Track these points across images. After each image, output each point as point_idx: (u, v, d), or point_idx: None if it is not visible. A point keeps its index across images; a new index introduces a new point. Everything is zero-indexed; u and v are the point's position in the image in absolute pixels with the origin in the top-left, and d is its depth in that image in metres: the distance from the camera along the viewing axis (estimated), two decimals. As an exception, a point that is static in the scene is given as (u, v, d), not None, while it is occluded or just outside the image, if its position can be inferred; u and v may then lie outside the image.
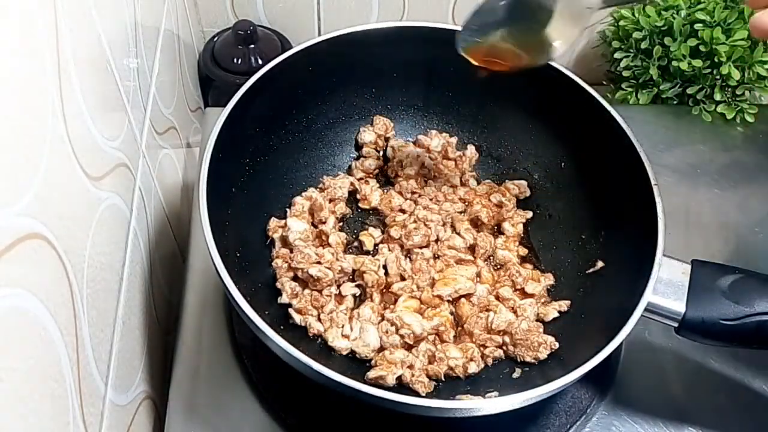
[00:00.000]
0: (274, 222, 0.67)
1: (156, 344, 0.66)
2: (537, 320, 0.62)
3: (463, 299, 0.64)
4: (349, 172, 0.74)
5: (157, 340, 0.67)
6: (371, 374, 0.56)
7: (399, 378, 0.57)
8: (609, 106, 0.63)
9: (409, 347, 0.60)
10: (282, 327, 0.60)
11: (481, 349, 0.61)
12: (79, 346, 0.44)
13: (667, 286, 0.53)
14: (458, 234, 0.68)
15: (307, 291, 0.62)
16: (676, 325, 0.53)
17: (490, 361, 0.60)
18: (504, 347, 0.61)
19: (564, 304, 0.63)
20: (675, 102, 0.89)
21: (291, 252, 0.63)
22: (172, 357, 0.64)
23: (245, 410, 0.60)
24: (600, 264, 0.63)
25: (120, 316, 0.55)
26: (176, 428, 0.59)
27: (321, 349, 0.60)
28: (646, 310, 0.52)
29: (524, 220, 0.70)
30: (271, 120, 0.67)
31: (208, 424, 0.60)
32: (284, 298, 0.62)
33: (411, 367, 0.58)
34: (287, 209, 0.68)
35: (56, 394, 0.40)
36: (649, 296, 0.52)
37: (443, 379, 0.59)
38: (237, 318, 0.64)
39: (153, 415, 0.64)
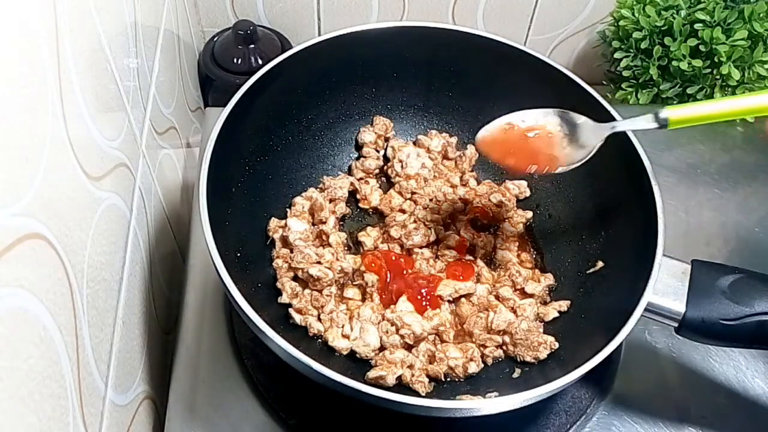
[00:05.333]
0: (274, 222, 0.67)
1: (156, 344, 0.66)
2: (537, 320, 0.62)
3: (463, 299, 0.64)
4: (349, 172, 0.74)
5: (157, 340, 0.67)
6: (371, 374, 0.56)
7: (399, 378, 0.57)
8: (609, 106, 0.63)
9: (409, 347, 0.60)
10: (282, 327, 0.60)
11: (481, 349, 0.61)
12: (79, 346, 0.44)
13: (667, 286, 0.53)
14: (458, 234, 0.68)
15: (307, 291, 0.62)
16: (676, 325, 0.53)
17: (490, 361, 0.60)
18: (504, 347, 0.61)
19: (564, 304, 0.63)
20: (675, 102, 0.88)
21: (291, 252, 0.63)
22: (172, 357, 0.64)
23: (245, 410, 0.60)
24: (600, 264, 0.63)
25: (120, 316, 0.55)
26: (176, 428, 0.59)
27: (321, 349, 0.60)
28: (646, 310, 0.52)
29: (524, 220, 0.71)
30: (271, 120, 0.67)
31: (208, 424, 0.60)
32: (284, 298, 0.62)
33: (411, 367, 0.58)
34: (287, 209, 0.68)
35: (56, 394, 0.40)
36: (649, 296, 0.52)
37: (443, 379, 0.59)
38: (237, 318, 0.64)
39: (153, 415, 0.64)
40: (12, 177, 0.36)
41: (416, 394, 0.56)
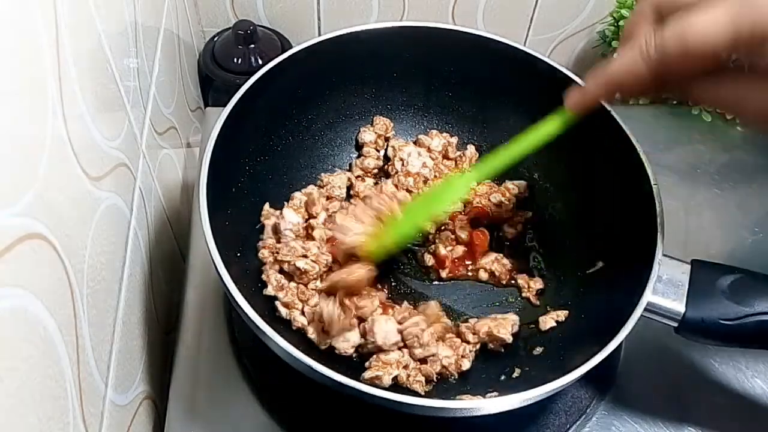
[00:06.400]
0: (267, 208, 0.66)
1: (156, 344, 0.66)
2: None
3: None
4: (350, 171, 0.74)
5: (157, 340, 0.67)
6: (367, 375, 0.56)
7: (395, 378, 0.57)
8: (609, 106, 0.63)
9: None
10: (282, 327, 0.60)
11: (465, 344, 0.60)
12: (79, 346, 0.44)
13: (667, 286, 0.53)
14: (457, 234, 0.68)
15: (293, 284, 0.62)
16: (676, 325, 0.53)
17: (472, 356, 0.60)
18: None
19: (562, 314, 0.62)
20: (675, 102, 0.88)
21: (278, 242, 0.63)
22: (172, 357, 0.64)
23: (245, 410, 0.60)
24: (600, 264, 0.63)
25: (120, 316, 0.55)
26: (176, 428, 0.59)
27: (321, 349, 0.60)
28: (646, 310, 0.52)
29: (524, 220, 0.70)
30: (271, 120, 0.67)
31: (208, 424, 0.60)
32: (269, 290, 0.61)
33: (406, 367, 0.57)
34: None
35: (56, 394, 0.40)
36: (649, 296, 0.52)
37: (436, 378, 0.58)
38: (237, 318, 0.64)
39: (153, 415, 0.64)
40: (12, 177, 0.36)
41: (416, 394, 0.56)
